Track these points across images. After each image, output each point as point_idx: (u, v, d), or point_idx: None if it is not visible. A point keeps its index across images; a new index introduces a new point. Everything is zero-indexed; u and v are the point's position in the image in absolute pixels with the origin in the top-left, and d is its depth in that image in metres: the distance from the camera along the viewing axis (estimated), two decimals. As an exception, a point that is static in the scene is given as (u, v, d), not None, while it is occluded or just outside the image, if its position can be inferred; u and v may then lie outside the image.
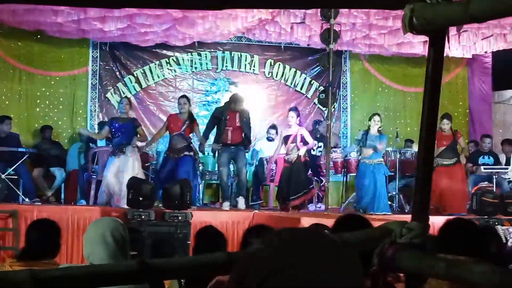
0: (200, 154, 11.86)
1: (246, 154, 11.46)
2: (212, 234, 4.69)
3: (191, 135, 11.08)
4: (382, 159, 11.21)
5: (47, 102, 13.45)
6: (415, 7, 2.05)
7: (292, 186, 11.04)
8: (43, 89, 13.44)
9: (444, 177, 10.85)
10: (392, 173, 11.96)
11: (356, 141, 11.64)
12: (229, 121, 10.94)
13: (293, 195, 11.01)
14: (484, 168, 12.20)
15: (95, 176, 11.25)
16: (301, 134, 11.21)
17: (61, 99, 13.55)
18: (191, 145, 11.01)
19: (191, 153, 10.86)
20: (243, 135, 10.99)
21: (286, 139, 11.23)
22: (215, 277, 3.39)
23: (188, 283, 3.82)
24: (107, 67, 13.78)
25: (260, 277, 1.25)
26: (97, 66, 13.70)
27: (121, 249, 3.23)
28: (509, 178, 12.32)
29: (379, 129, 11.16)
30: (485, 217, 9.62)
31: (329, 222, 3.17)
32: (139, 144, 10.89)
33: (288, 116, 11.36)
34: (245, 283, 1.28)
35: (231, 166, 11.37)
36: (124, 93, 13.61)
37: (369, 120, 11.31)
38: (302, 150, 11.11)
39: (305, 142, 11.21)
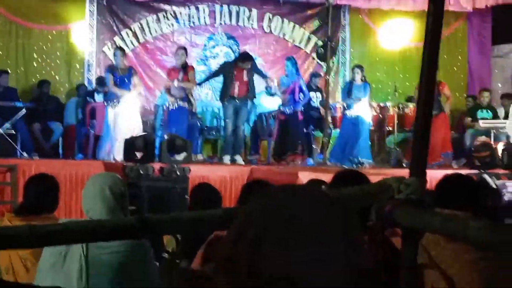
0: (199, 110, 11.90)
1: (250, 108, 11.56)
2: (207, 191, 4.71)
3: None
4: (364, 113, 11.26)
5: (44, 57, 13.37)
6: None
7: (286, 141, 11.10)
8: (40, 43, 13.34)
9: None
10: (390, 128, 12.01)
11: (343, 92, 11.74)
12: (236, 76, 11.16)
13: (288, 150, 11.06)
14: (483, 123, 12.22)
15: (93, 131, 11.29)
16: (299, 85, 11.23)
17: (58, 54, 13.47)
18: (189, 96, 11.12)
19: (185, 104, 10.96)
20: (249, 89, 11.15)
21: (284, 90, 11.27)
22: (213, 232, 3.42)
23: (185, 239, 3.85)
24: (104, 21, 13.65)
25: (256, 233, 1.26)
26: (94, 20, 13.58)
27: (120, 204, 3.25)
28: (507, 132, 12.34)
29: (362, 78, 11.27)
30: (481, 171, 9.66)
31: (328, 177, 3.18)
32: (137, 92, 10.98)
33: (285, 66, 11.38)
34: (242, 238, 1.29)
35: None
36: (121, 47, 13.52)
37: (352, 71, 11.43)
38: (300, 104, 11.13)
39: (302, 93, 11.26)
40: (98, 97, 11.99)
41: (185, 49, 11.45)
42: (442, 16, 2.15)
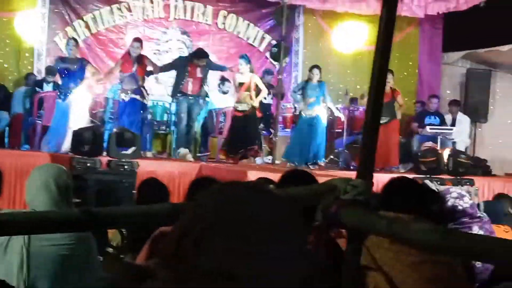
0: (150, 104, 11.81)
1: (202, 105, 11.52)
2: (155, 186, 4.67)
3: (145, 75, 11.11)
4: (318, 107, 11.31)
5: (-7, 44, 13.12)
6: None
7: (240, 138, 11.09)
8: (-12, 30, 13.09)
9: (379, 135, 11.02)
10: (339, 130, 12.12)
11: (295, 92, 11.75)
12: (190, 72, 11.14)
13: (241, 147, 11.06)
14: (430, 128, 12.42)
15: (40, 121, 11.11)
16: (255, 82, 11.23)
17: (7, 41, 13.21)
18: (142, 88, 11.02)
19: (138, 96, 10.88)
20: (201, 86, 11.11)
21: (239, 87, 11.25)
22: (158, 228, 3.40)
23: (130, 233, 3.82)
24: (56, 10, 13.45)
25: (201, 230, 1.26)
26: (46, 8, 13.36)
27: (64, 197, 3.21)
28: (453, 139, 12.57)
29: (318, 79, 11.33)
30: (427, 176, 9.82)
31: (276, 176, 3.19)
32: (94, 80, 10.86)
33: (238, 64, 11.35)
34: (189, 234, 1.29)
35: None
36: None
37: (309, 71, 11.46)
38: (256, 101, 11.13)
39: (258, 91, 11.26)
40: (47, 87, 11.82)
41: (140, 41, 11.39)
42: (394, 21, 2.18)
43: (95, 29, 13.66)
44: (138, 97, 10.90)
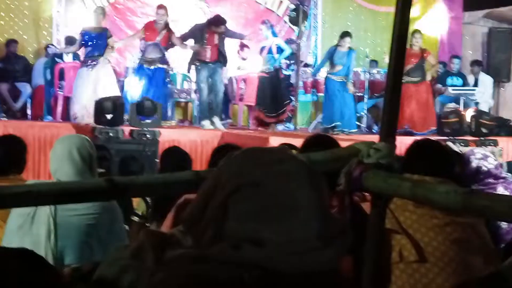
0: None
1: (221, 72, 11.45)
2: (177, 154, 4.68)
3: (168, 44, 11.04)
4: (345, 77, 11.14)
5: (12, 15, 13.11)
6: None
7: (270, 103, 11.07)
8: (7, 1, 13.06)
9: (410, 96, 10.93)
10: (360, 93, 12.04)
11: (325, 57, 11.60)
12: (208, 40, 10.96)
13: (272, 112, 11.03)
14: (452, 89, 12.30)
15: (61, 92, 11.16)
16: (276, 44, 11.19)
17: (25, 12, 13.21)
18: (165, 57, 10.99)
19: (164, 66, 10.87)
20: (220, 53, 11.02)
21: (261, 50, 11.23)
22: (183, 196, 3.41)
23: (155, 202, 3.84)
24: (73, -20, 13.42)
25: (226, 193, 1.26)
26: (63, -23, 13.34)
27: (88, 166, 3.23)
28: (476, 100, 12.46)
29: (349, 46, 11.15)
30: (450, 137, 9.77)
31: (298, 142, 3.18)
32: (111, 55, 10.84)
33: (261, 30, 11.29)
34: (212, 199, 1.29)
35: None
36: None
37: (340, 37, 11.25)
38: (279, 60, 11.12)
39: (281, 51, 11.22)
40: (67, 58, 11.85)
41: (165, 8, 11.21)
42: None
43: (113, -3, 13.61)
44: (162, 66, 10.85)
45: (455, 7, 15.14)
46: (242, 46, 12.83)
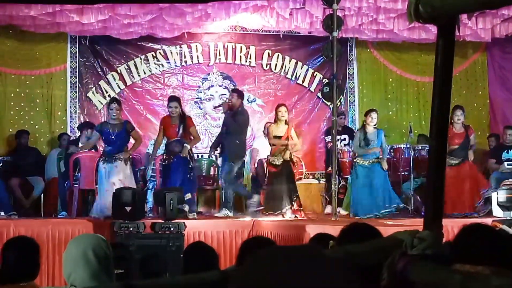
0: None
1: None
2: (202, 251, 4.65)
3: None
4: (376, 159, 11.27)
5: (22, 104, 13.39)
6: (421, -6, 2.05)
7: (279, 195, 11.03)
8: (17, 90, 13.38)
9: (450, 177, 10.91)
10: (405, 172, 12.01)
11: (356, 141, 11.67)
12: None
13: (283, 205, 10.98)
14: (508, 164, 12.17)
15: (77, 185, 11.21)
16: (291, 135, 11.17)
17: (37, 101, 13.50)
18: (190, 152, 11.00)
19: (185, 155, 10.84)
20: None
21: (275, 139, 11.22)
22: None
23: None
24: (87, 64, 13.72)
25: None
26: (76, 62, 13.65)
27: (104, 268, 3.24)
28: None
29: (374, 126, 11.28)
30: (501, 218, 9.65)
31: (337, 231, 3.15)
32: (137, 146, 10.91)
33: (280, 112, 11.25)
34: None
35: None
36: (107, 92, 13.59)
37: (365, 116, 11.44)
38: (287, 154, 11.08)
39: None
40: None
41: (177, 99, 11.28)
42: (453, 54, 2.17)
43: (130, 80, 13.87)
44: (183, 154, 10.85)
45: (506, 74, 15.12)
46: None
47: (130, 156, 10.61)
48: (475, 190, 11.38)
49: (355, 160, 11.45)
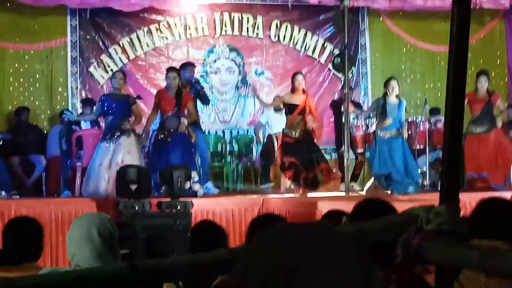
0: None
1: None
2: (209, 230, 4.65)
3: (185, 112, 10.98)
4: (397, 131, 11.11)
5: (21, 80, 13.39)
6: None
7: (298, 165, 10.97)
8: (16, 65, 13.38)
9: (478, 147, 10.86)
10: (420, 146, 11.97)
11: (371, 109, 11.57)
12: None
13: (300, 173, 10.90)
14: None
15: (80, 163, 11.19)
16: (309, 106, 10.99)
17: (37, 76, 13.50)
18: (188, 128, 10.88)
19: (183, 131, 10.67)
20: None
21: (290, 109, 11.04)
22: (219, 277, 3.41)
23: (187, 285, 3.83)
24: (88, 37, 13.69)
25: (261, 278, 1.26)
26: (76, 36, 13.62)
27: (109, 248, 3.26)
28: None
29: (397, 94, 11.09)
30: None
31: (350, 207, 3.15)
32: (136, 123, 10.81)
33: (295, 82, 11.04)
34: (247, 283, 1.30)
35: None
36: (109, 66, 13.57)
37: (385, 86, 11.21)
38: (310, 125, 10.91)
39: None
40: (85, 124, 11.93)
41: (177, 70, 11.11)
42: (469, 21, 2.15)
43: (133, 54, 13.83)
44: (183, 132, 10.69)
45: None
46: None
47: (135, 130, 10.58)
48: (505, 160, 11.29)
49: (376, 131, 11.23)
